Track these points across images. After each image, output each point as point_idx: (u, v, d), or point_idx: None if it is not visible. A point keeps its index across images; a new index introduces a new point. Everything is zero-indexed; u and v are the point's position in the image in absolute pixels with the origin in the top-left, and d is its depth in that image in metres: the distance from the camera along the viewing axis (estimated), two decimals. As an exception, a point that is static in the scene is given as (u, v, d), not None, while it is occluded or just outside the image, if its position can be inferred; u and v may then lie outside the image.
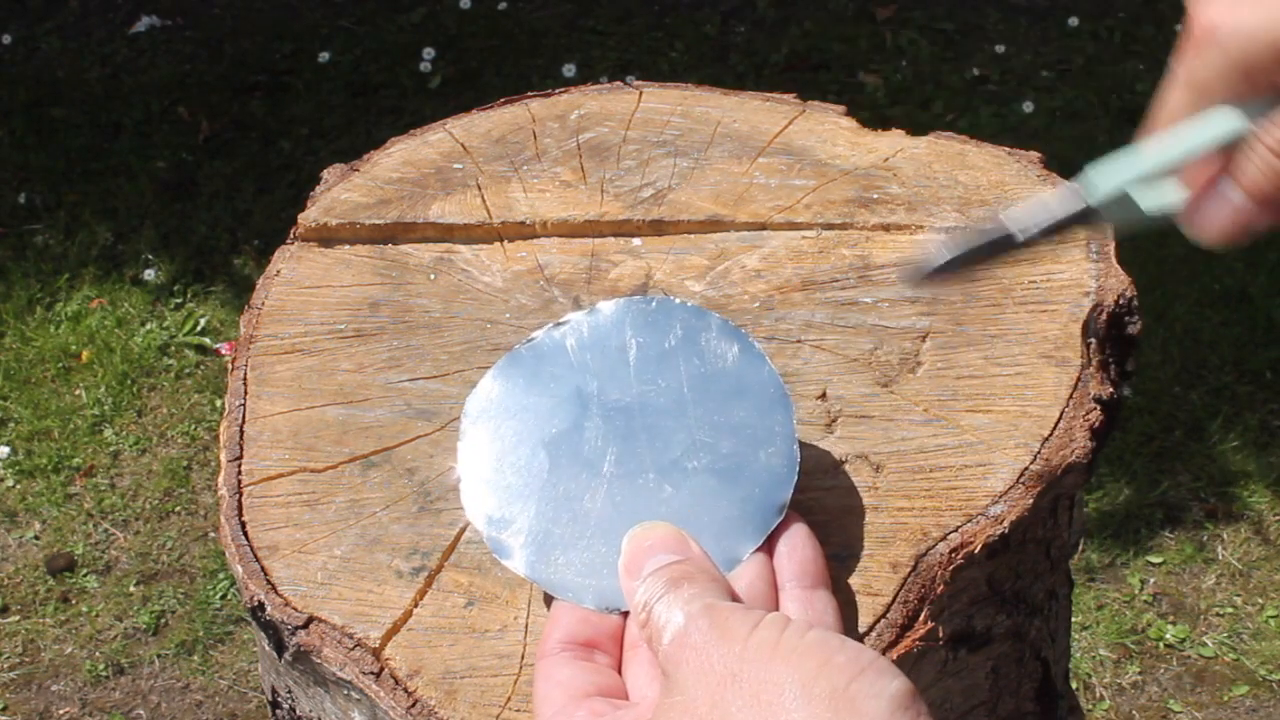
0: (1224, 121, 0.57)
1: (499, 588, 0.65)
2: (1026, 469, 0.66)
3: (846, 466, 0.68)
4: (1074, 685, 1.74)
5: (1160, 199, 0.61)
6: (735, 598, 0.58)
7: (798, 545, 0.61)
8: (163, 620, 2.10)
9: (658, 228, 0.82)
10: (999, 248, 0.61)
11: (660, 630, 0.55)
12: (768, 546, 0.61)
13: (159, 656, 2.04)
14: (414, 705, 0.61)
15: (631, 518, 0.62)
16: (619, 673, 0.59)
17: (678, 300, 0.67)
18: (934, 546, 0.64)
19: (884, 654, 0.61)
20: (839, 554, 0.64)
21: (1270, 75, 0.55)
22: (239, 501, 0.70)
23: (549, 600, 0.63)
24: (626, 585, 0.59)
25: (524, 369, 0.67)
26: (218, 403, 2.43)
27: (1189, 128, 0.58)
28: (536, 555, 0.63)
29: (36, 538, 2.23)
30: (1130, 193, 0.60)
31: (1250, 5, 0.55)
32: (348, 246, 0.83)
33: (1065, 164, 0.84)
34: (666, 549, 0.59)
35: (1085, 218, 0.61)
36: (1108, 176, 0.60)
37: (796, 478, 0.62)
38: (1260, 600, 2.02)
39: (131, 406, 2.45)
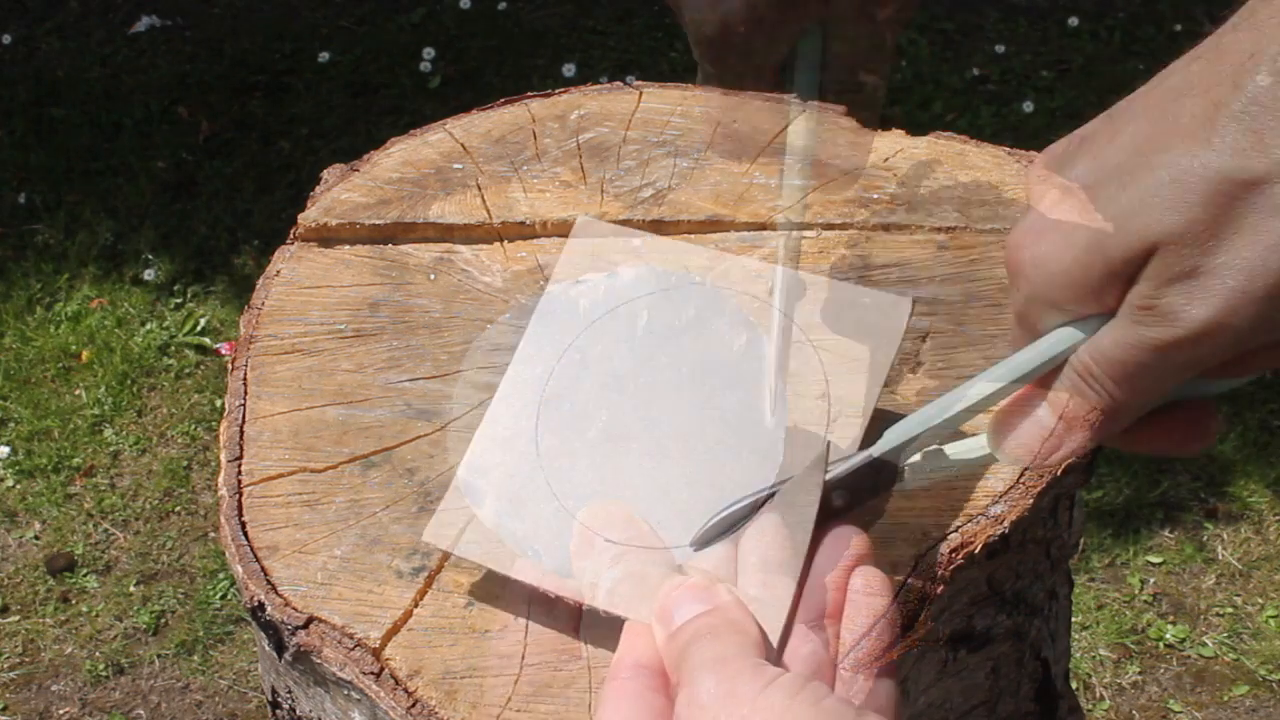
0: (1055, 343, 0.54)
1: (499, 588, 0.65)
2: (1026, 469, 0.66)
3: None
4: (1074, 685, 1.74)
5: (974, 444, 0.59)
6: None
7: (766, 531, 0.60)
8: (163, 620, 2.10)
9: (658, 228, 0.81)
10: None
11: (675, 664, 0.54)
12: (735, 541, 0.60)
13: (159, 656, 2.04)
14: (414, 705, 0.61)
15: (606, 486, 0.61)
16: None
17: (698, 278, 0.66)
18: (934, 546, 0.64)
19: (883, 654, 0.61)
20: (839, 554, 0.64)
21: (1070, 303, 0.54)
22: (239, 501, 0.70)
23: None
24: (576, 565, 0.59)
25: (533, 322, 0.66)
26: (218, 403, 2.43)
27: (1013, 361, 0.56)
28: (507, 506, 0.62)
29: (36, 538, 2.23)
30: (923, 441, 0.58)
31: (1046, 237, 0.54)
32: (348, 246, 0.83)
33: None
34: (614, 527, 0.59)
35: (877, 470, 0.59)
36: (899, 429, 0.58)
37: (774, 480, 0.61)
38: (1260, 600, 2.02)
39: (131, 406, 2.45)
